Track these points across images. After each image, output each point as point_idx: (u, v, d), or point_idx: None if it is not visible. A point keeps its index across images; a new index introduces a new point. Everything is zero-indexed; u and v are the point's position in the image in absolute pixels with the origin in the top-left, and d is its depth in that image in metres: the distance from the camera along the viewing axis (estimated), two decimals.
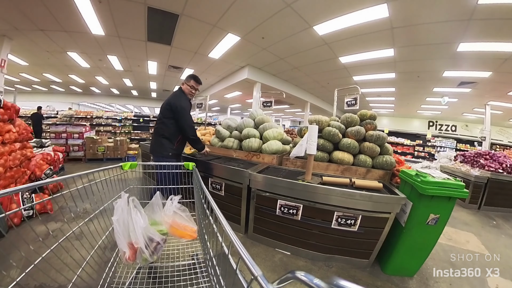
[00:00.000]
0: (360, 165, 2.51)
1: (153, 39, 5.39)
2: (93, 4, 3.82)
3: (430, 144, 11.95)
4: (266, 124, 3.13)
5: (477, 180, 4.01)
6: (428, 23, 3.70)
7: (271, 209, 2.16)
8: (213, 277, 0.93)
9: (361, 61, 5.70)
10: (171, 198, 1.22)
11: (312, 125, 2.18)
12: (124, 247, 1.01)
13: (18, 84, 10.77)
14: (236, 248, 0.53)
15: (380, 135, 2.52)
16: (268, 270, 1.89)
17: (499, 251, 2.50)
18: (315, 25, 4.18)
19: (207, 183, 2.58)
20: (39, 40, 5.52)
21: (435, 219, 1.73)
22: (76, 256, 1.32)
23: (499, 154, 4.52)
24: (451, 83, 6.53)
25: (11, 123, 2.69)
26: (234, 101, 13.46)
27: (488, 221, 3.54)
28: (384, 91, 8.45)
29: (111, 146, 6.07)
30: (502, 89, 6.34)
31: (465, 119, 11.46)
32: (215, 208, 0.77)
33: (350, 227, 1.91)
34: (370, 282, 1.83)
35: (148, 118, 10.83)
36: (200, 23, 4.44)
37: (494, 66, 4.99)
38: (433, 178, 1.70)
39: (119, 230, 1.01)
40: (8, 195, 0.72)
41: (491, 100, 7.52)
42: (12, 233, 1.91)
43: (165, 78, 9.36)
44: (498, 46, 4.11)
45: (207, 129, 4.46)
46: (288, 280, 0.50)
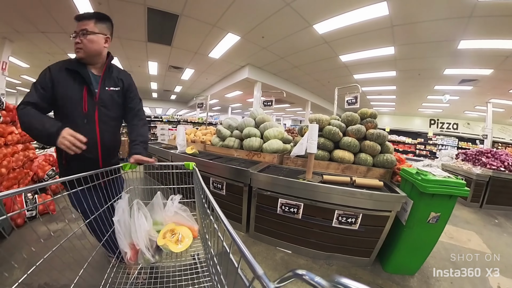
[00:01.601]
0: (360, 164, 2.51)
1: (153, 39, 5.39)
2: (93, 5, 3.83)
3: (432, 142, 11.93)
4: (267, 123, 3.13)
5: (478, 178, 4.00)
6: (428, 20, 3.68)
7: (272, 208, 2.16)
8: (214, 276, 0.94)
9: (362, 60, 5.69)
10: (171, 198, 1.22)
11: (312, 124, 2.17)
12: (125, 247, 1.02)
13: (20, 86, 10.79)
14: (237, 247, 0.53)
15: (380, 133, 2.51)
16: (270, 269, 1.89)
17: (500, 250, 2.50)
18: (315, 23, 4.17)
19: (208, 182, 2.59)
20: (40, 42, 5.54)
21: (436, 217, 1.72)
22: (77, 256, 1.34)
23: (501, 152, 4.50)
24: (452, 81, 6.50)
25: (13, 125, 2.70)
26: (235, 101, 13.45)
27: (489, 219, 3.52)
28: (385, 90, 8.42)
29: None
30: (504, 86, 6.30)
31: (466, 117, 11.40)
32: (216, 207, 0.77)
33: (350, 225, 1.91)
34: (371, 280, 1.83)
35: (149, 118, 10.84)
36: (200, 23, 4.44)
37: (496, 63, 4.96)
38: (433, 176, 1.70)
39: (120, 230, 1.02)
40: (11, 196, 0.72)
41: (492, 98, 7.47)
42: (14, 234, 1.93)
43: (166, 79, 9.36)
44: (499, 43, 4.08)
45: (208, 128, 4.46)
46: (290, 278, 0.50)
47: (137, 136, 1.41)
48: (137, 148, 1.35)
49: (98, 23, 1.23)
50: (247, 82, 7.39)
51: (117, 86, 1.36)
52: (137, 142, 1.38)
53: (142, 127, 1.47)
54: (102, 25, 1.25)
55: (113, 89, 1.34)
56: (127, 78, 1.43)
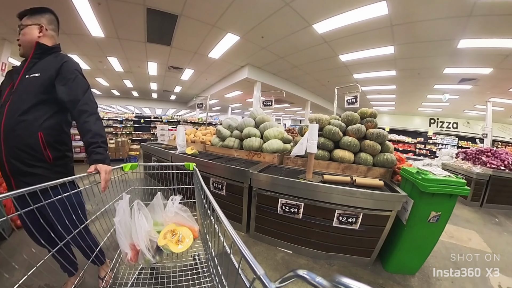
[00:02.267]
0: (361, 163, 2.51)
1: (153, 40, 5.39)
2: (92, 6, 3.82)
3: (432, 141, 11.92)
4: (267, 123, 3.13)
5: (479, 177, 4.00)
6: (427, 20, 3.68)
7: (272, 208, 2.16)
8: (215, 277, 0.94)
9: (361, 59, 5.68)
10: (172, 199, 1.22)
11: (312, 124, 2.17)
12: (126, 248, 1.02)
13: None
14: (238, 248, 0.53)
15: (380, 133, 2.51)
16: (270, 269, 1.89)
17: (501, 249, 2.50)
18: (314, 23, 4.17)
19: (208, 183, 2.58)
20: None
21: (436, 216, 1.72)
22: (78, 257, 1.34)
23: (501, 151, 4.50)
24: (452, 80, 6.50)
25: None
26: (235, 101, 13.45)
27: (490, 218, 3.52)
28: (384, 89, 8.42)
29: (112, 147, 6.09)
30: (504, 85, 6.29)
31: (466, 116, 11.40)
32: (216, 207, 0.77)
33: (351, 225, 1.91)
34: (372, 280, 1.83)
35: (149, 118, 10.84)
36: (199, 23, 4.43)
37: (495, 62, 4.96)
38: (434, 175, 1.70)
39: (120, 231, 1.02)
40: (11, 198, 0.72)
41: (492, 96, 7.47)
42: (15, 235, 1.92)
43: (165, 79, 9.36)
44: (498, 42, 4.08)
45: (208, 129, 4.46)
46: (291, 278, 0.50)
47: (94, 136, 1.11)
48: (101, 152, 1.10)
49: (32, 16, 1.19)
50: (246, 82, 7.39)
51: (39, 72, 1.12)
52: (98, 144, 1.11)
53: (96, 123, 1.14)
54: (35, 16, 1.19)
55: (34, 75, 1.11)
56: (60, 62, 1.16)
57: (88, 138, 1.11)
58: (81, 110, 1.13)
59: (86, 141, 1.11)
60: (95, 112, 1.17)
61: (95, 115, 1.16)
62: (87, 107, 1.14)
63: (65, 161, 1.24)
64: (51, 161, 1.14)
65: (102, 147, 1.12)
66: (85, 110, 1.14)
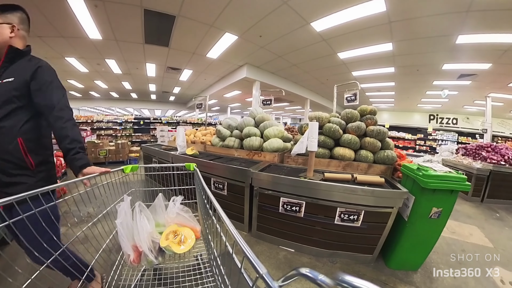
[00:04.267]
0: (361, 161, 2.51)
1: (151, 41, 5.38)
2: (90, 9, 3.81)
3: (432, 137, 11.94)
4: (267, 123, 3.13)
5: (479, 172, 4.00)
6: (425, 16, 3.67)
7: (274, 206, 2.16)
8: (218, 276, 0.94)
9: (360, 56, 5.68)
10: (173, 200, 1.22)
11: (312, 122, 2.17)
12: (128, 249, 1.02)
13: None
14: (240, 247, 0.53)
15: (380, 130, 2.51)
16: (273, 268, 1.90)
17: (502, 243, 2.50)
18: (312, 21, 4.16)
19: (209, 183, 2.59)
20: (37, 47, 5.51)
21: (437, 212, 1.72)
22: None
23: (501, 146, 4.50)
24: (451, 75, 6.49)
25: None
26: (234, 101, 13.44)
27: (491, 213, 3.53)
28: (383, 86, 8.41)
29: (112, 150, 6.09)
30: (503, 80, 6.29)
31: (466, 111, 11.39)
32: (218, 207, 0.77)
33: (353, 222, 1.91)
34: (374, 277, 1.84)
35: (149, 120, 10.86)
36: (197, 23, 4.42)
37: (494, 57, 4.95)
38: (434, 171, 1.70)
39: (123, 233, 1.02)
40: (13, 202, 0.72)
41: (491, 92, 7.47)
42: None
43: (164, 80, 9.35)
44: (497, 37, 4.07)
45: (208, 129, 4.46)
46: (293, 277, 0.50)
47: (72, 142, 1.10)
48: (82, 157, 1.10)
49: (2, 14, 1.10)
50: (245, 81, 7.38)
51: (12, 77, 1.07)
52: (76, 150, 1.10)
53: (73, 129, 1.13)
54: (6, 15, 1.11)
55: (7, 80, 1.07)
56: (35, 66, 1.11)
57: (66, 144, 1.09)
58: (57, 116, 1.10)
59: (64, 147, 1.10)
60: (71, 118, 1.14)
61: (72, 121, 1.14)
62: (63, 113, 1.12)
63: (48, 167, 1.20)
64: (34, 168, 1.11)
65: (81, 152, 1.11)
66: (61, 116, 1.11)
